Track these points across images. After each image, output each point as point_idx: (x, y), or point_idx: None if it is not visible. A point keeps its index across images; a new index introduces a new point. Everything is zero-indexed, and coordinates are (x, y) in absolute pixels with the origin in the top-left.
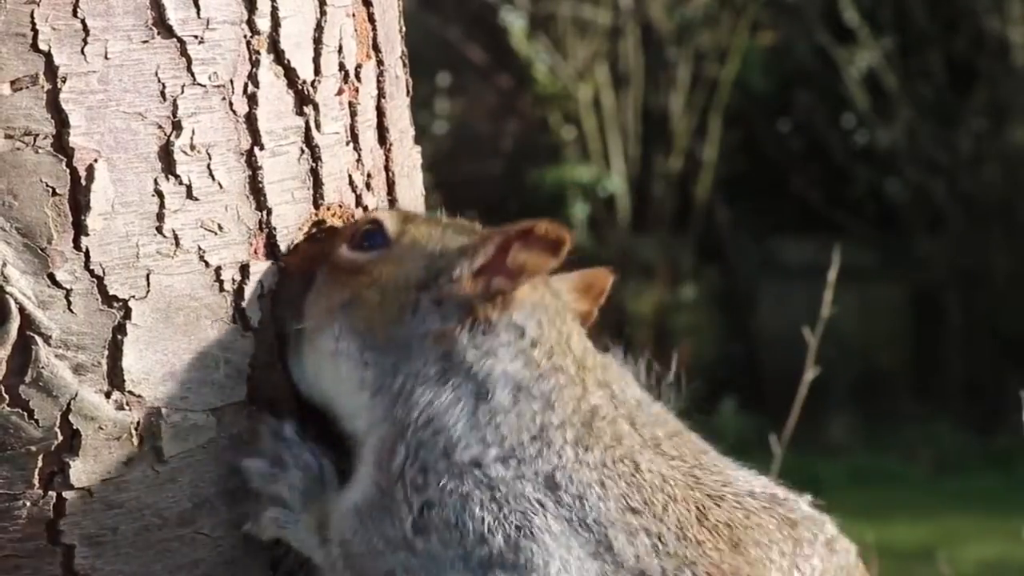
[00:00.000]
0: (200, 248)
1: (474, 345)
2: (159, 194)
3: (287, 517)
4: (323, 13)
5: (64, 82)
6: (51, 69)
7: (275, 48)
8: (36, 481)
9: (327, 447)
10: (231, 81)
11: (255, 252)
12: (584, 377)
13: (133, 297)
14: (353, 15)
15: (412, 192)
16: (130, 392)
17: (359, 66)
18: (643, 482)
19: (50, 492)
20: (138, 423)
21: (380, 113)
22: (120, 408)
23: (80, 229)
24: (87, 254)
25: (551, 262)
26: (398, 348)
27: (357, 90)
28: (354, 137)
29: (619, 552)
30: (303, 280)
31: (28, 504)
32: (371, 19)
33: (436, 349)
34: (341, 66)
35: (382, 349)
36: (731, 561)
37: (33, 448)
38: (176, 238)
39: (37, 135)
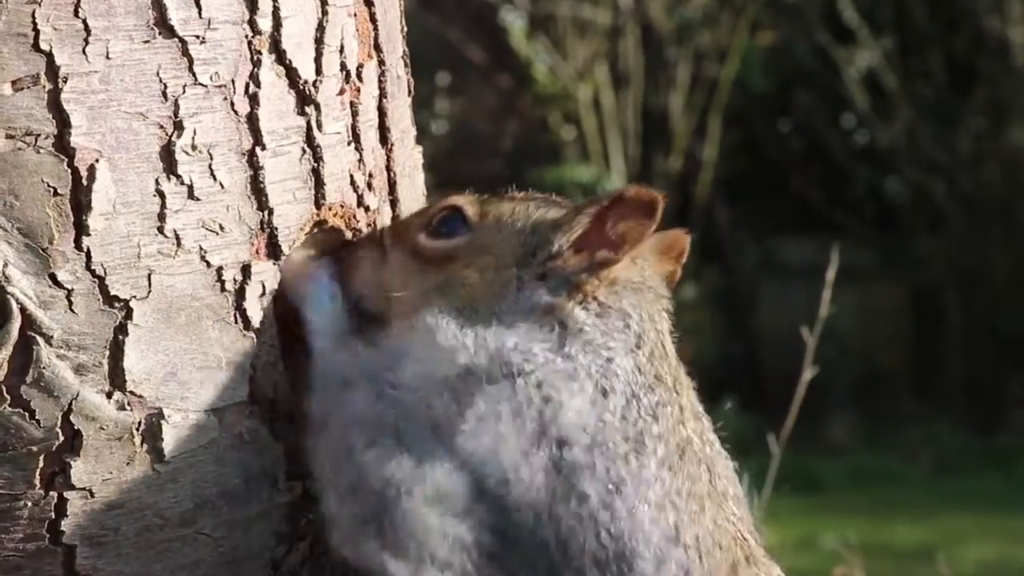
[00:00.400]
0: (201, 248)
1: (591, 322)
2: (160, 194)
3: (324, 303)
4: (325, 13)
5: (65, 82)
6: (52, 69)
7: (277, 48)
8: (37, 481)
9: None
10: (233, 81)
11: (257, 252)
12: (680, 396)
13: (134, 297)
14: (355, 15)
15: (414, 192)
16: (131, 392)
17: (361, 66)
18: (700, 521)
19: (51, 492)
20: (139, 423)
21: (382, 113)
22: (121, 408)
23: (81, 229)
24: (88, 254)
25: (650, 226)
26: (501, 321)
27: (359, 90)
28: (356, 137)
29: (639, 571)
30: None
31: (29, 504)
32: (373, 19)
33: (548, 322)
34: (343, 66)
35: (484, 323)
36: None
37: (34, 448)
38: (177, 238)
39: (38, 135)
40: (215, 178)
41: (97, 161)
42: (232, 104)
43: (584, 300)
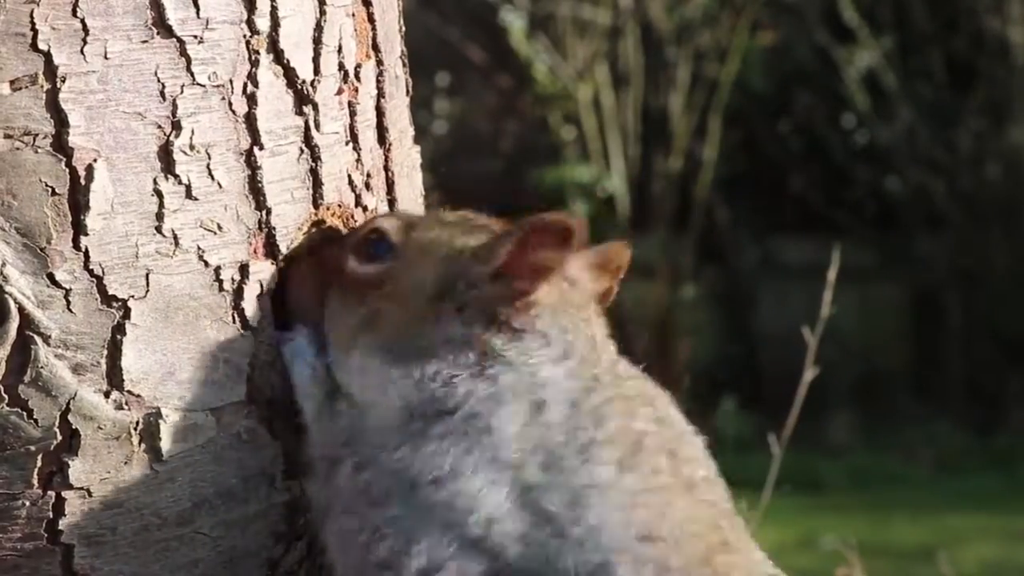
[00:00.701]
0: (199, 248)
1: (509, 347)
2: (158, 194)
3: (305, 352)
4: (323, 13)
5: (63, 82)
6: (50, 69)
7: (274, 48)
8: (35, 481)
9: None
10: (230, 81)
11: (254, 252)
12: (622, 388)
13: (132, 297)
14: (353, 15)
15: (412, 192)
16: (129, 392)
17: (359, 66)
18: (671, 515)
19: (49, 492)
20: (137, 423)
21: (380, 113)
22: (119, 408)
23: (79, 229)
24: (86, 254)
25: (565, 255)
26: (426, 354)
27: (357, 90)
28: (354, 137)
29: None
30: (312, 291)
31: (27, 504)
32: (371, 19)
33: (468, 352)
34: (341, 66)
35: (410, 360)
36: None
37: (32, 448)
38: (175, 238)
39: (36, 135)
40: (213, 178)
41: (95, 161)
42: (230, 104)
43: (500, 329)
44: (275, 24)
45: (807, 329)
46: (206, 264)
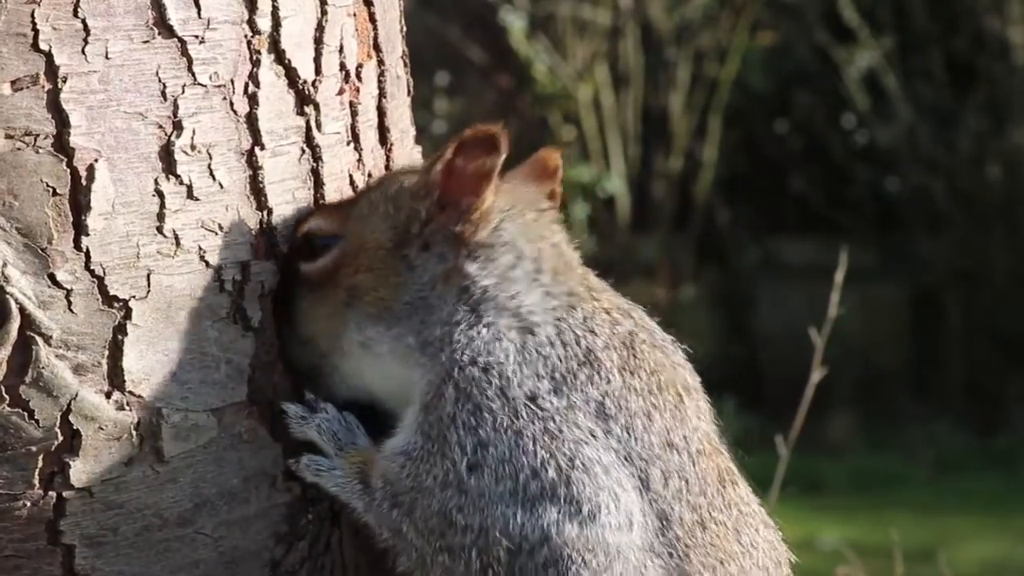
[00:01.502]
0: (201, 248)
1: (486, 271)
2: (160, 194)
3: (321, 464)
4: (324, 13)
5: (65, 82)
6: (52, 69)
7: (276, 48)
8: (36, 481)
9: None
10: (232, 81)
11: (256, 252)
12: (600, 301)
13: (133, 297)
14: (354, 15)
15: None
16: (130, 392)
17: (360, 66)
18: (686, 416)
19: (50, 492)
20: (138, 423)
21: (381, 113)
22: (120, 408)
23: (80, 229)
24: (87, 254)
25: (496, 158)
26: (418, 308)
27: (358, 90)
28: (355, 137)
29: (654, 490)
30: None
31: (28, 504)
32: (372, 19)
33: (451, 289)
34: (342, 66)
35: (406, 316)
36: (727, 548)
37: (33, 448)
38: (177, 238)
39: (38, 135)
40: (214, 178)
41: (96, 161)
42: (231, 104)
43: (471, 251)
44: (276, 24)
45: (814, 330)
46: (207, 264)
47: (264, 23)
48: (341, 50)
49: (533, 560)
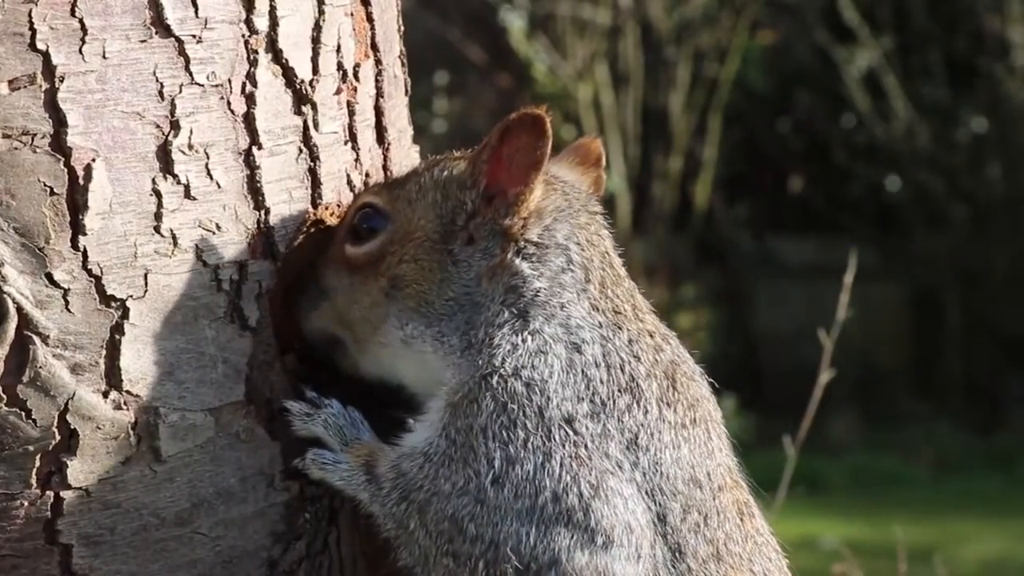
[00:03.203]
0: (198, 247)
1: (537, 272)
2: (157, 193)
3: (326, 458)
4: (321, 12)
5: (62, 81)
6: (49, 68)
7: (273, 47)
8: (34, 481)
9: None
10: (229, 80)
11: (253, 251)
12: (644, 323)
13: (131, 297)
14: (351, 14)
15: None
16: (128, 392)
17: (357, 65)
18: (712, 451)
19: (48, 492)
20: (136, 423)
21: (378, 112)
22: (118, 408)
23: (78, 229)
24: (85, 254)
25: (544, 144)
26: (463, 305)
27: (355, 89)
28: (352, 136)
29: (670, 524)
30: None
31: (26, 504)
32: (369, 18)
33: (497, 287)
34: (339, 65)
35: (449, 314)
36: None
37: (31, 448)
38: (174, 237)
39: (35, 134)
40: (212, 177)
41: (94, 160)
42: (229, 103)
43: (519, 247)
44: (274, 24)
45: (823, 332)
46: (205, 264)
47: (261, 23)
48: (338, 50)
49: None
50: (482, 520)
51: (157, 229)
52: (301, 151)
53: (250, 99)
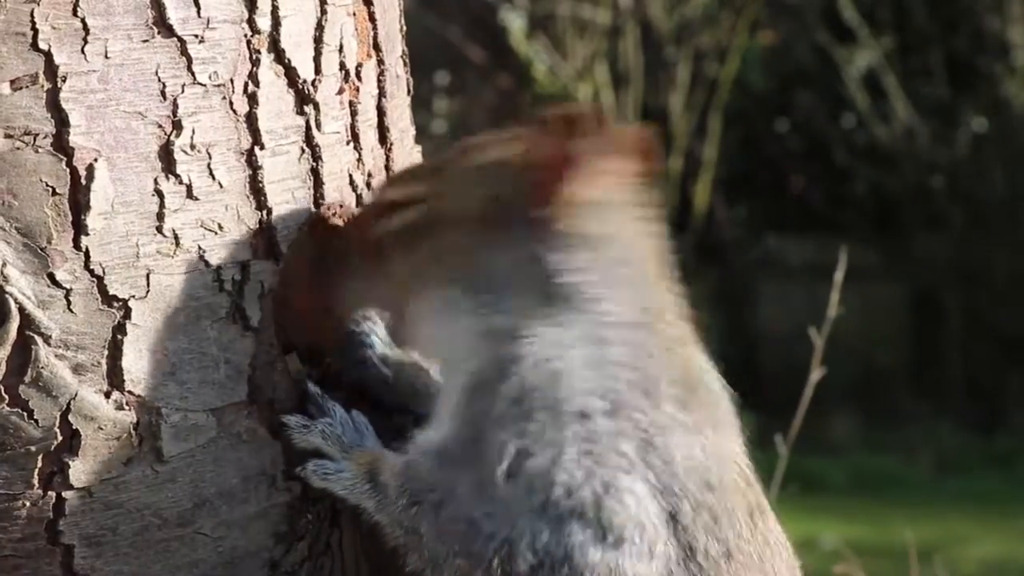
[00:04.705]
0: (200, 248)
1: (570, 265)
2: (159, 193)
3: (327, 467)
4: (324, 12)
5: (64, 81)
6: (51, 68)
7: (275, 47)
8: (36, 481)
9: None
10: (231, 80)
11: (255, 251)
12: (670, 325)
13: (133, 297)
14: (354, 14)
15: None
16: (130, 392)
17: (360, 65)
18: (723, 454)
19: (50, 492)
20: (138, 423)
21: (381, 112)
22: (120, 408)
23: (80, 229)
24: (87, 254)
25: (587, 140)
26: (494, 286)
27: (358, 89)
28: (355, 136)
29: (682, 524)
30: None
31: (27, 504)
32: (372, 18)
33: (532, 276)
34: (342, 65)
35: (480, 291)
36: None
37: (33, 448)
38: (176, 238)
39: (37, 134)
40: (214, 177)
41: (96, 160)
42: (231, 103)
43: (557, 237)
44: (276, 23)
45: (814, 330)
46: (207, 264)
47: (264, 22)
48: (341, 49)
49: None
50: (497, 517)
51: (159, 229)
52: (303, 151)
53: (252, 99)
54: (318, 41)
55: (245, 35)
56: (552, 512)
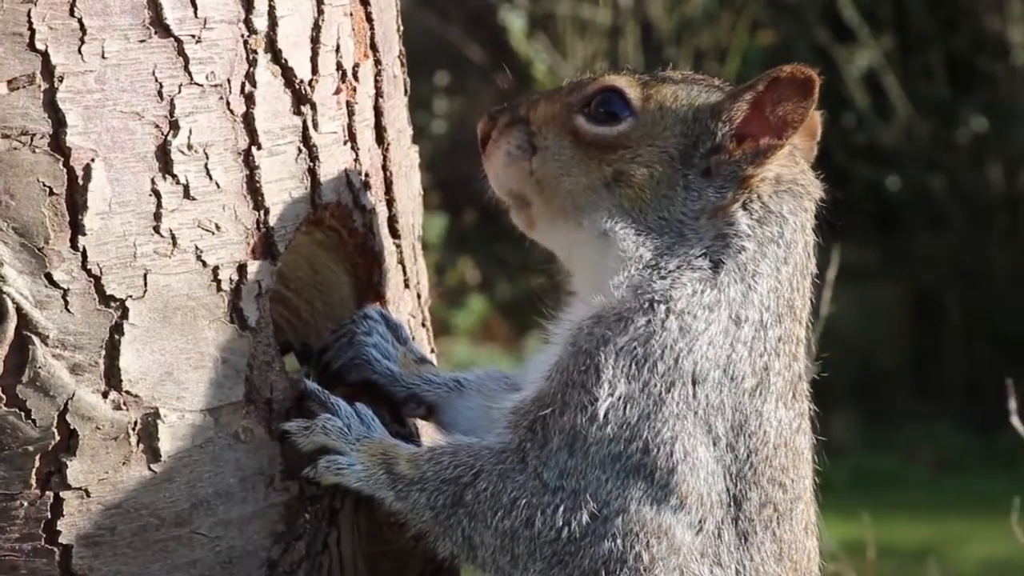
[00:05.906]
0: (197, 248)
1: (752, 232)
2: (156, 194)
3: (340, 462)
4: (321, 12)
5: (61, 81)
6: (48, 68)
7: (272, 47)
8: (33, 481)
9: None
10: (228, 80)
11: (252, 251)
12: (800, 327)
13: (130, 297)
14: (351, 14)
15: (410, 191)
16: (127, 392)
17: (357, 65)
18: (800, 463)
19: (47, 492)
20: (135, 423)
21: (378, 112)
22: (117, 408)
23: (77, 229)
24: (84, 254)
25: (809, 106)
26: (672, 229)
27: (355, 89)
28: (352, 136)
29: (745, 511)
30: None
31: (25, 504)
32: (369, 18)
33: (711, 229)
34: (339, 65)
35: (657, 231)
36: None
37: (30, 448)
38: (173, 238)
39: (34, 135)
40: (211, 177)
41: (93, 161)
42: (228, 103)
43: (748, 199)
44: (273, 23)
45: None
46: (204, 264)
47: (260, 22)
48: (338, 50)
49: (606, 527)
50: (572, 468)
51: (156, 229)
52: (300, 151)
53: (249, 99)
54: (315, 41)
55: (242, 35)
56: (622, 463)
